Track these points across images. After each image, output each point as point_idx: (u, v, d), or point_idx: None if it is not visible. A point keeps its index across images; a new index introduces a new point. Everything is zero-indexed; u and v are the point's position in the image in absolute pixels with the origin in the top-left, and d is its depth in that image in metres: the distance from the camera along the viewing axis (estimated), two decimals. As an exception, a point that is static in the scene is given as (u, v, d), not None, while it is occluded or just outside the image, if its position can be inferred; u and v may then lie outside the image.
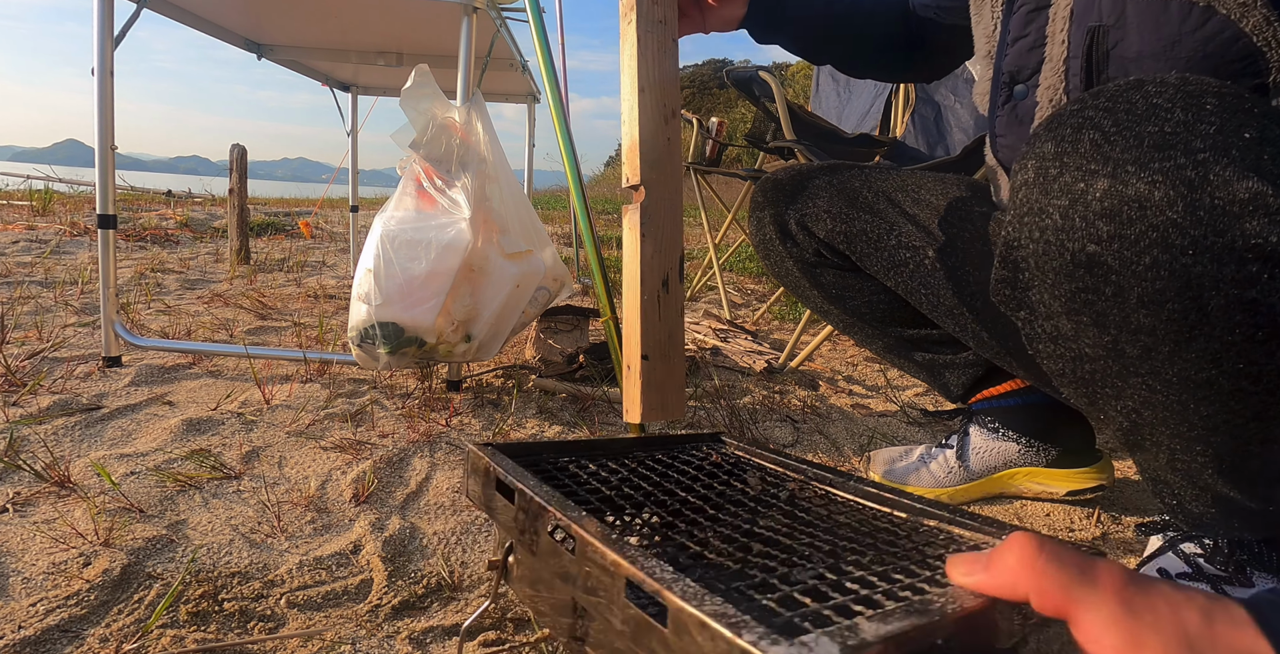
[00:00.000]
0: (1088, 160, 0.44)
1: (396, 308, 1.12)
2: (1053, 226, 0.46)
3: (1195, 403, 0.47)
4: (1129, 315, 0.45)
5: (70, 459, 0.96)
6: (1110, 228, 0.43)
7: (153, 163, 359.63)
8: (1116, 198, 0.43)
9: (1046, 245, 0.47)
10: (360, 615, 0.68)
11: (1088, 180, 0.44)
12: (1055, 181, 0.46)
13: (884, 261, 0.89)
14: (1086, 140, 0.45)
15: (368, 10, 1.51)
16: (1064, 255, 0.46)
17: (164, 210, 4.43)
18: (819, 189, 0.92)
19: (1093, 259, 0.44)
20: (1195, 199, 0.41)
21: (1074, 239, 0.45)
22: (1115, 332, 0.46)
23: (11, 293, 1.94)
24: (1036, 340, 0.54)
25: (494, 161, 1.20)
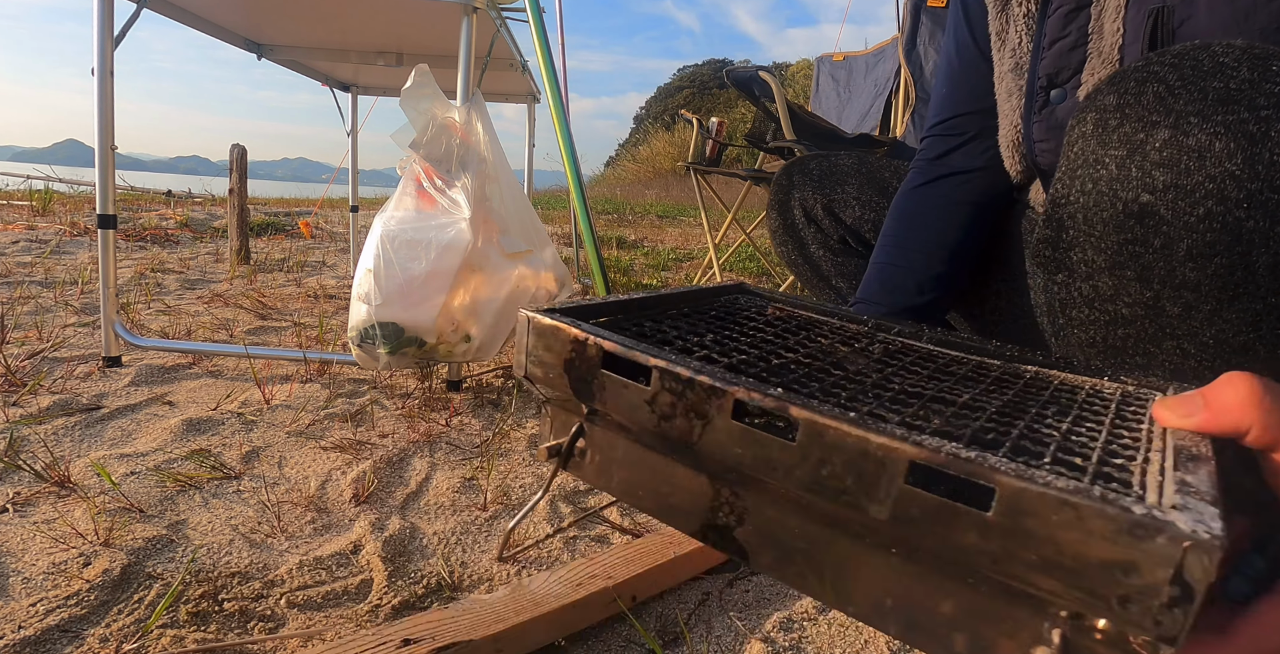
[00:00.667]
0: (1150, 112, 0.44)
1: (396, 308, 1.12)
2: (1107, 177, 0.46)
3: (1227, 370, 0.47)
4: (1175, 269, 0.45)
5: (70, 459, 0.96)
6: (1167, 177, 0.43)
7: (153, 163, 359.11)
8: (1176, 147, 0.43)
9: (1099, 196, 0.47)
10: (360, 615, 0.68)
11: (1148, 131, 0.44)
12: (1115, 132, 0.46)
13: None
14: (1150, 92, 0.45)
15: (368, 10, 1.51)
16: (1116, 205, 0.46)
17: (164, 210, 4.43)
18: (848, 176, 0.91)
19: (1145, 209, 0.44)
20: (1255, 153, 0.41)
21: (1128, 188, 0.45)
22: (1158, 287, 0.46)
23: (11, 293, 1.94)
24: (1072, 305, 0.54)
25: (494, 161, 1.20)
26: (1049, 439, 0.31)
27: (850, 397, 0.34)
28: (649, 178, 14.90)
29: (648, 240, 5.00)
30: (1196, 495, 0.24)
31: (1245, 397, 0.29)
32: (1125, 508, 0.22)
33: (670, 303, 0.49)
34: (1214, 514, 0.22)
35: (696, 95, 21.17)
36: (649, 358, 0.33)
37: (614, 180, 16.55)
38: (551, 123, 1.23)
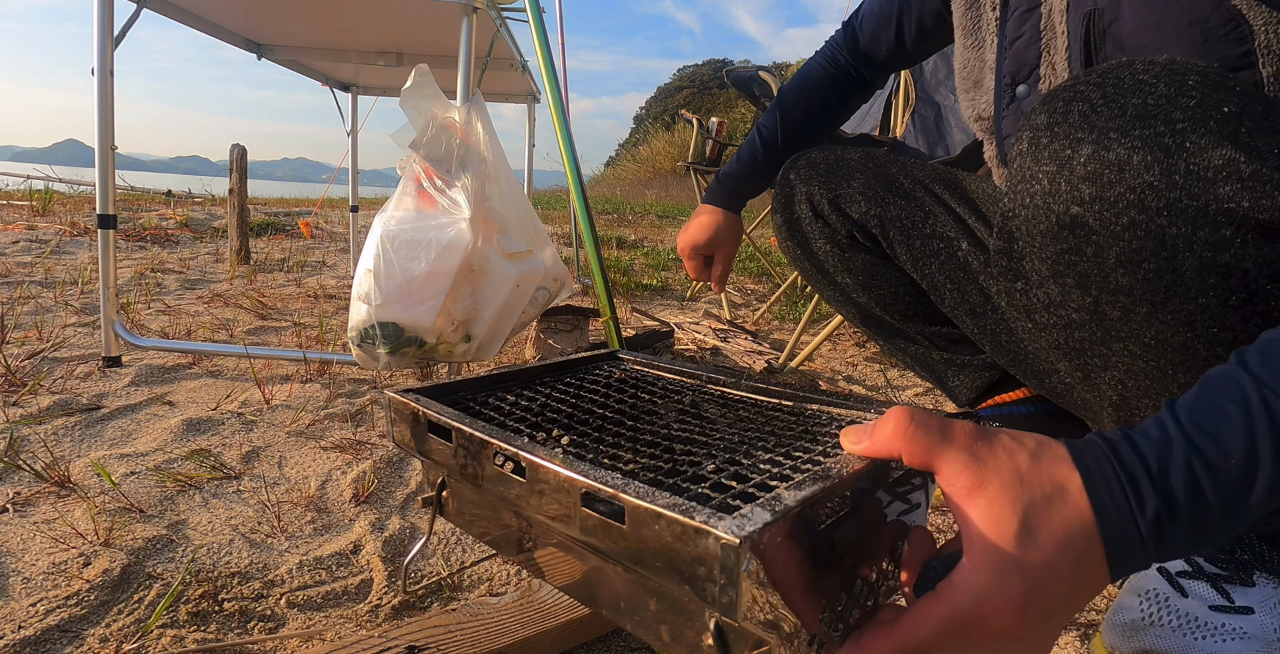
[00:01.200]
0: (1075, 129, 0.48)
1: (396, 308, 1.12)
2: (1041, 191, 0.49)
3: (1174, 369, 0.49)
4: (1108, 275, 0.48)
5: (70, 459, 0.96)
6: (1092, 190, 0.46)
7: (153, 163, 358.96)
8: (1099, 162, 0.46)
9: (1035, 209, 0.50)
10: (360, 615, 0.68)
11: (1074, 147, 0.47)
12: (1045, 150, 0.49)
13: (915, 250, 0.88)
14: (1075, 111, 0.48)
15: (368, 10, 1.51)
16: (1050, 218, 0.49)
17: (164, 210, 4.43)
18: (855, 170, 0.91)
19: (1075, 220, 0.48)
20: (1171, 164, 0.43)
21: (1059, 201, 0.48)
22: (1096, 293, 0.49)
23: (11, 293, 1.94)
24: (1033, 310, 0.57)
25: (494, 161, 1.20)
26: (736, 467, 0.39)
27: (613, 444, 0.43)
28: (649, 178, 14.90)
29: (648, 240, 5.00)
30: (769, 508, 0.31)
31: (894, 427, 0.35)
32: (690, 517, 0.30)
33: (532, 375, 0.59)
34: (761, 521, 0.29)
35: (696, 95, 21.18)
36: (451, 422, 0.44)
37: (614, 180, 16.56)
38: (551, 123, 1.23)
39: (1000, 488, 0.32)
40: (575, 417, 0.49)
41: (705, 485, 0.36)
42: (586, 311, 1.56)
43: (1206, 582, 0.63)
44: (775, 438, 0.44)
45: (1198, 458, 0.32)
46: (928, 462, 0.34)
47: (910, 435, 0.34)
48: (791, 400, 0.52)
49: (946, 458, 0.33)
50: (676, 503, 0.31)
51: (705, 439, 0.44)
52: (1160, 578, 0.64)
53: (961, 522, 0.33)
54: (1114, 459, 0.33)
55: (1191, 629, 0.60)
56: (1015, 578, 0.30)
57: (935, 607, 0.32)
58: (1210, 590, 0.61)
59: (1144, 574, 0.65)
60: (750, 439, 0.44)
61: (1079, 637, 0.70)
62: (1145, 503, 0.32)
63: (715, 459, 0.40)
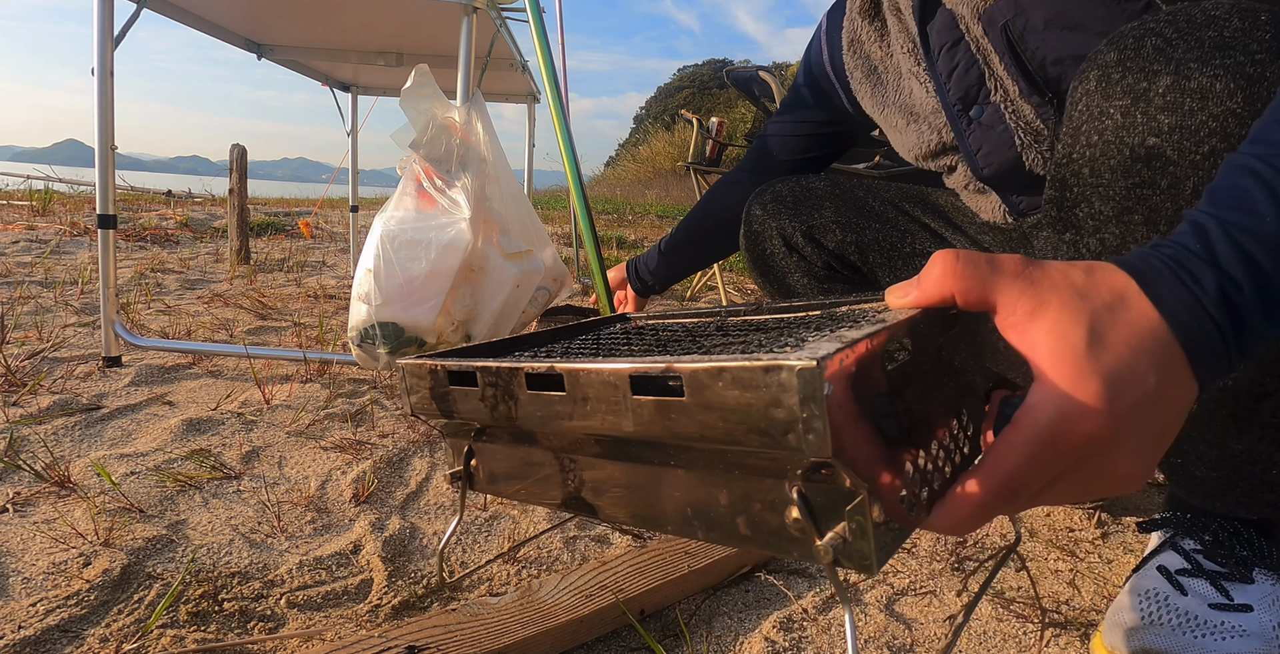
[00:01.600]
0: (1150, 62, 0.48)
1: (396, 308, 1.12)
2: (1113, 126, 0.49)
3: None
4: (1181, 208, 0.47)
5: (70, 459, 0.96)
6: (1171, 119, 0.46)
7: (153, 163, 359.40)
8: (1179, 91, 0.46)
9: (1105, 146, 0.50)
10: (360, 615, 0.68)
11: (1150, 79, 0.47)
12: (1118, 84, 0.49)
13: (899, 271, 0.88)
14: (1149, 45, 0.48)
15: (368, 10, 1.51)
16: (1123, 151, 0.49)
17: (164, 210, 4.43)
18: (823, 200, 0.91)
19: (1152, 152, 0.47)
20: (1254, 92, 0.44)
21: (1134, 134, 0.48)
22: (1165, 228, 0.49)
23: (11, 293, 1.94)
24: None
25: (494, 161, 1.20)
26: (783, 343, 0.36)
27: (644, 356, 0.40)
28: (649, 178, 14.90)
29: (648, 240, 5.00)
30: (833, 340, 0.29)
31: (941, 269, 0.34)
32: (756, 358, 0.27)
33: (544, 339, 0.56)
34: (828, 350, 0.27)
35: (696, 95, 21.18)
36: (473, 363, 0.41)
37: (614, 180, 16.55)
38: (551, 123, 1.23)
39: (1061, 304, 0.31)
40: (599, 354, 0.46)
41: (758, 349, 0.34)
42: (586, 311, 1.56)
43: (1206, 580, 0.63)
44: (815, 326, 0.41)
45: (1234, 228, 0.32)
46: (983, 296, 0.33)
47: (960, 272, 0.33)
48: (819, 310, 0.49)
49: (1001, 287, 0.32)
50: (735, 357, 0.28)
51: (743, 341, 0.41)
52: (1160, 577, 0.64)
53: (1027, 349, 0.32)
54: (1158, 255, 0.33)
55: (1191, 628, 0.60)
56: (1092, 380, 0.29)
57: (1017, 433, 0.30)
58: (1210, 588, 0.61)
59: (1143, 573, 0.65)
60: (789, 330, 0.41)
61: (1080, 636, 0.70)
62: (1203, 282, 0.31)
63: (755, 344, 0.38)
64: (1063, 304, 0.31)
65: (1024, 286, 0.32)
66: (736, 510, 0.33)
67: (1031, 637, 0.70)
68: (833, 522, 0.29)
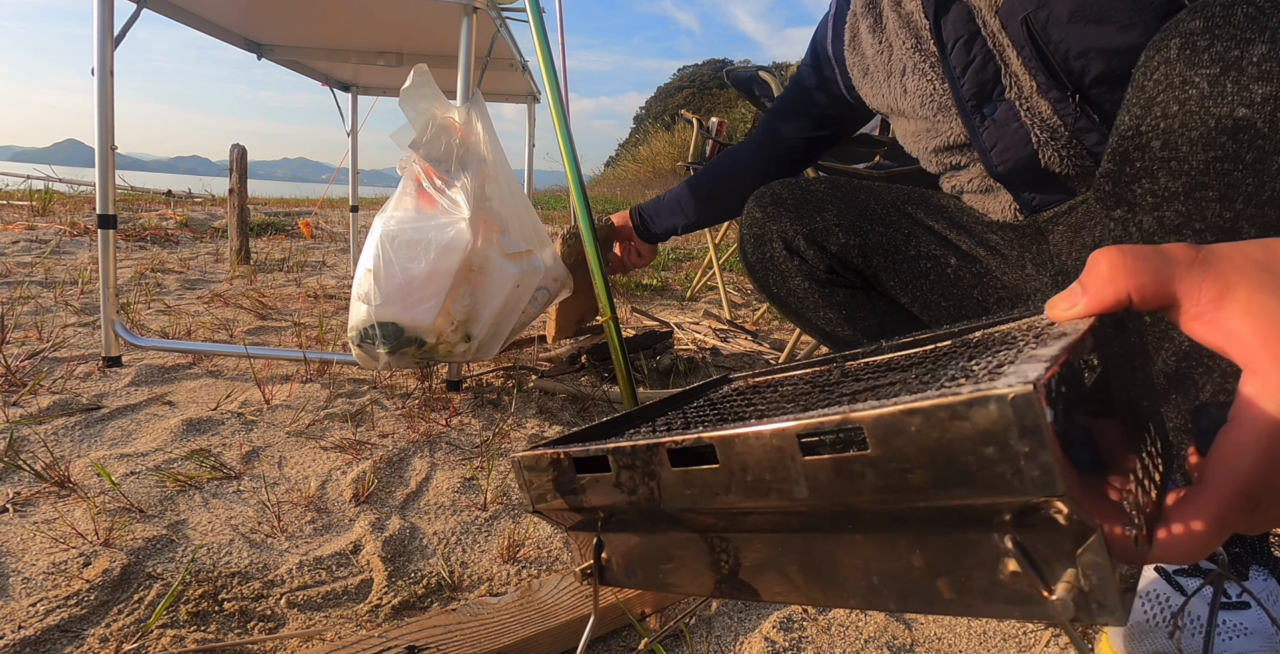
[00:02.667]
0: (1242, 30, 0.45)
1: (396, 308, 1.12)
2: (1197, 96, 0.47)
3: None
4: (1265, 184, 0.45)
5: (70, 459, 0.96)
6: (1266, 90, 0.44)
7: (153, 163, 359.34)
8: (1275, 60, 0.43)
9: (1187, 116, 0.47)
10: (360, 615, 0.68)
11: (1244, 47, 0.45)
12: (1205, 53, 0.47)
13: (903, 273, 0.87)
14: (1240, 13, 0.46)
15: (368, 10, 1.51)
16: (1208, 122, 0.46)
17: (164, 210, 4.43)
18: (825, 203, 0.89)
19: (1240, 124, 0.45)
20: None
21: (1222, 104, 0.46)
22: (1241, 206, 0.47)
23: (11, 293, 1.94)
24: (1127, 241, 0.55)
25: (494, 161, 1.20)
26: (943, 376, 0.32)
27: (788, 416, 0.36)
28: (649, 178, 14.90)
29: (648, 240, 4.99)
30: (1034, 360, 0.25)
31: (1109, 267, 0.30)
32: (955, 393, 0.23)
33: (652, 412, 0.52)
34: (1036, 369, 0.23)
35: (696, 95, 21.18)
36: (602, 446, 0.37)
37: (614, 180, 16.56)
38: (551, 123, 1.23)
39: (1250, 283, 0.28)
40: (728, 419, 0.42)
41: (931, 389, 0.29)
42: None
43: (1202, 577, 0.63)
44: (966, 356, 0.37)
45: None
46: (1163, 290, 0.29)
47: (1133, 267, 0.29)
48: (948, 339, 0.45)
49: (1180, 277, 0.29)
50: (925, 394, 0.24)
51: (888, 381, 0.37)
52: (1159, 579, 0.64)
53: (1222, 339, 0.28)
54: None
55: (1196, 629, 0.60)
56: None
57: (1242, 431, 0.27)
58: (1207, 587, 0.61)
59: (1142, 574, 0.65)
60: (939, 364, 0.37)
61: (1079, 637, 0.70)
62: None
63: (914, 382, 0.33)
64: (1252, 283, 0.28)
65: (1203, 272, 0.29)
66: (936, 572, 0.28)
67: (1032, 637, 0.70)
68: (1060, 570, 0.25)
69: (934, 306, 0.87)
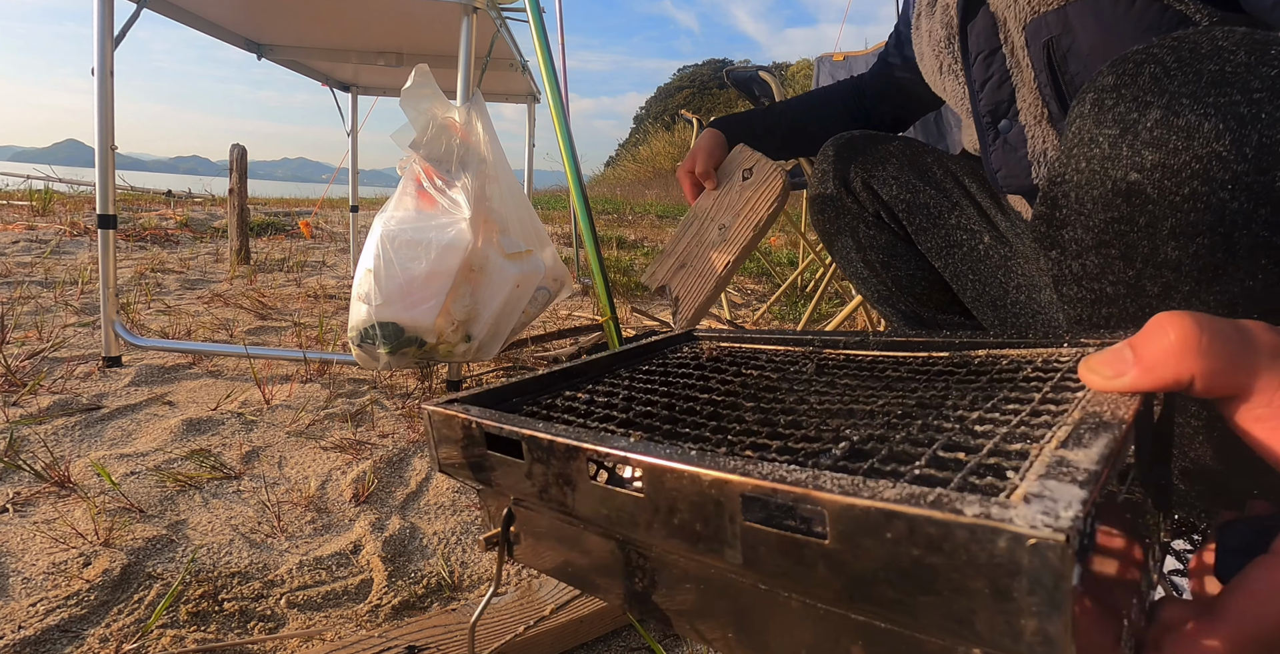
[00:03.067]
0: (1144, 92, 0.45)
1: (396, 308, 1.12)
2: (1099, 155, 0.47)
3: None
4: (1158, 248, 0.46)
5: (70, 459, 0.96)
6: (1155, 157, 0.44)
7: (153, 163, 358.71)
8: (1166, 127, 0.44)
9: (1091, 174, 0.48)
10: (360, 615, 0.68)
11: (1141, 110, 0.45)
12: (1110, 112, 0.47)
13: (939, 239, 0.90)
14: (1147, 74, 0.46)
15: (368, 10, 1.51)
16: (1105, 184, 0.47)
17: (164, 210, 4.43)
18: (890, 155, 0.94)
19: (1133, 188, 0.46)
20: (1243, 135, 0.41)
21: (1118, 167, 0.46)
22: (1140, 266, 0.47)
23: (11, 293, 1.94)
24: (1063, 282, 0.56)
25: (494, 161, 1.20)
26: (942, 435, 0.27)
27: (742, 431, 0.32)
28: (649, 178, 14.90)
29: (648, 240, 5.00)
30: (1067, 477, 0.20)
31: (1179, 342, 0.25)
32: (956, 510, 0.19)
33: (603, 366, 0.48)
34: (1074, 499, 0.19)
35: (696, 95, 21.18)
36: (518, 429, 0.33)
37: (614, 180, 16.55)
38: (551, 123, 1.23)
39: None
40: (676, 406, 0.37)
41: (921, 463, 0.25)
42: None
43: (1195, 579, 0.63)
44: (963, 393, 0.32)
45: None
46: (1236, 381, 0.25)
47: (1207, 349, 0.25)
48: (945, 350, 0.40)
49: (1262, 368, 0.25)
50: (915, 493, 0.20)
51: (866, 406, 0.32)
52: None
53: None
54: None
55: None
56: None
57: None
58: None
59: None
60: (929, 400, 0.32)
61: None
62: None
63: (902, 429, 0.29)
64: None
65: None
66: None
67: None
68: None
69: (961, 276, 0.89)
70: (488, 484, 0.37)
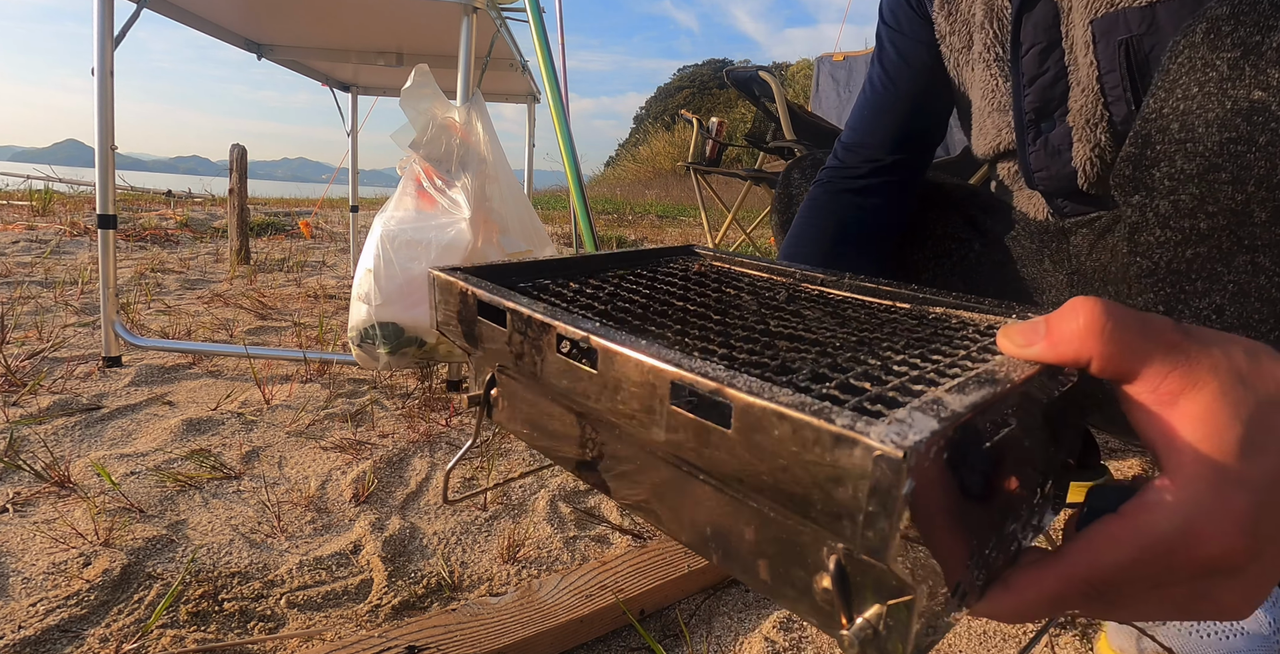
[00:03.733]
0: (1266, 17, 0.46)
1: (396, 308, 1.12)
2: (1216, 78, 0.48)
3: None
4: (1276, 167, 0.46)
5: (70, 459, 0.96)
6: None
7: (153, 163, 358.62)
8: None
9: (1206, 97, 0.48)
10: (360, 615, 0.68)
11: (1265, 32, 0.46)
12: (1228, 36, 0.48)
13: (928, 250, 0.87)
14: (1266, 2, 0.47)
15: (368, 10, 1.51)
16: (1224, 104, 0.47)
17: (164, 210, 4.43)
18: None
19: (1255, 106, 0.46)
20: None
21: (1240, 86, 0.47)
22: (1253, 189, 0.47)
23: (11, 293, 1.94)
24: (1144, 229, 0.55)
25: (494, 161, 1.20)
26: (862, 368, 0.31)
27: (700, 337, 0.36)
28: (649, 178, 14.91)
29: (648, 240, 5.00)
30: (931, 412, 0.23)
31: (1086, 324, 0.28)
32: (830, 419, 0.22)
33: (601, 263, 0.51)
34: (927, 428, 0.22)
35: (696, 95, 21.19)
36: (504, 301, 0.37)
37: (614, 180, 16.56)
38: (551, 123, 1.23)
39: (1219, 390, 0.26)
40: (651, 308, 0.41)
41: (830, 385, 0.28)
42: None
43: None
44: (903, 339, 0.36)
45: None
46: (1127, 367, 0.28)
47: (1108, 334, 0.28)
48: (908, 302, 0.44)
49: (1153, 359, 0.27)
50: (805, 401, 0.23)
51: (814, 336, 0.36)
52: None
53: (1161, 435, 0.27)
54: None
55: (1196, 627, 0.60)
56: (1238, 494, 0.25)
57: (1124, 529, 0.26)
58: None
59: None
60: (870, 340, 0.36)
61: (1078, 636, 0.70)
62: None
63: (833, 357, 0.32)
64: (1221, 390, 0.26)
65: (1177, 361, 0.27)
66: (761, 552, 0.29)
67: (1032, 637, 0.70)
68: (867, 605, 0.25)
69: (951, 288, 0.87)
70: (474, 346, 0.41)
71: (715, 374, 0.26)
